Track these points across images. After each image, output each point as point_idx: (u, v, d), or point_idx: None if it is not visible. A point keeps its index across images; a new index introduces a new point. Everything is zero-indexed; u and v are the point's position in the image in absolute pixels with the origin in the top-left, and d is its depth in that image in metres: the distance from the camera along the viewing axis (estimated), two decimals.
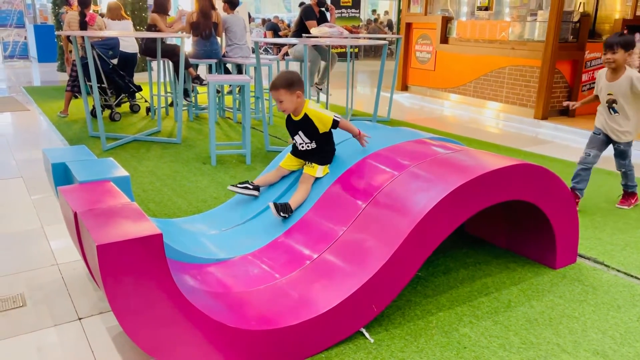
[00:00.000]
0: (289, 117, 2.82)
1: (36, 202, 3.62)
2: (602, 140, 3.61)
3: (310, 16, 7.14)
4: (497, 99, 7.37)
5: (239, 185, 2.87)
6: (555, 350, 2.07)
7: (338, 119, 2.72)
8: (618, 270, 2.77)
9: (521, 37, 7.18)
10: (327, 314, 2.01)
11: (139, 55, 6.93)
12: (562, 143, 5.86)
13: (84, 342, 2.09)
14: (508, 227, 2.94)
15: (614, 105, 3.46)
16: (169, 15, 6.87)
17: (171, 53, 6.28)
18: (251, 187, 2.87)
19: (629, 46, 3.37)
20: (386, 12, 21.40)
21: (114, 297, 1.65)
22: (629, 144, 3.57)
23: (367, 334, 2.14)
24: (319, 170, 2.76)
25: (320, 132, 2.74)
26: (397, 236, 2.16)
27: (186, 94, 6.55)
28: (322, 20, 7.27)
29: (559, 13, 6.39)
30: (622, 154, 3.60)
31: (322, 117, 2.72)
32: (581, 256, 2.91)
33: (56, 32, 6.99)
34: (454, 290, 2.53)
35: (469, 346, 2.09)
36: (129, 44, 6.71)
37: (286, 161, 2.92)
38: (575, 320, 2.29)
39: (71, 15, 6.50)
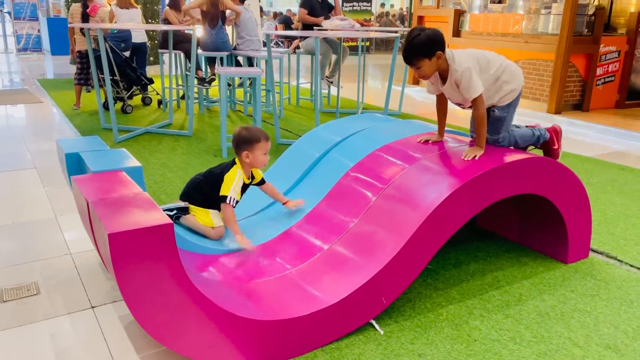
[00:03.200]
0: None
1: (49, 193, 3.66)
2: None
3: (304, 4, 7.03)
4: None
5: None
6: (566, 344, 2.06)
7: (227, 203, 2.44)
8: (631, 265, 2.74)
9: (535, 31, 7.09)
10: (337, 305, 2.01)
11: (148, 45, 6.96)
12: (575, 137, 5.80)
13: (96, 330, 2.12)
14: (520, 221, 2.92)
15: None
16: (182, 10, 6.89)
17: (188, 42, 6.31)
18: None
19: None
20: (391, 6, 21.26)
21: (125, 286, 1.67)
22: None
23: (377, 326, 2.14)
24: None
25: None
26: (408, 229, 2.15)
27: (202, 80, 6.57)
28: (323, 9, 7.18)
29: (574, 6, 6.30)
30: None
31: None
32: (594, 251, 2.88)
33: (69, 25, 7.02)
34: (465, 284, 2.52)
35: (479, 339, 2.09)
36: (138, 34, 6.76)
37: None
38: (587, 315, 2.27)
39: (74, 7, 6.54)
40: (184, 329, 1.78)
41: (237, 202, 2.48)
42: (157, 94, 7.15)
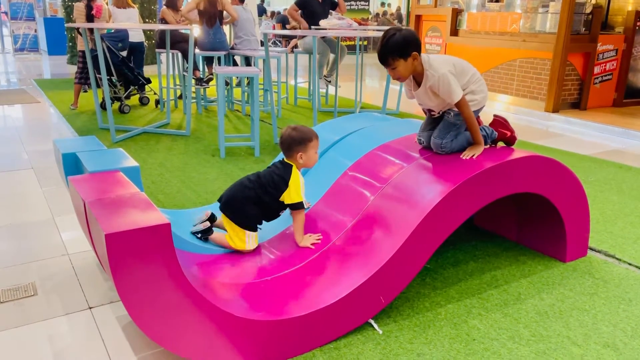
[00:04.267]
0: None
1: (47, 193, 3.65)
2: None
3: (299, 2, 6.96)
4: (508, 91, 7.30)
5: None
6: (565, 343, 2.06)
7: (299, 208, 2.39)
8: (629, 264, 2.74)
9: (532, 29, 7.10)
10: (336, 305, 2.00)
11: (145, 45, 6.95)
12: (573, 136, 5.81)
13: (94, 331, 2.11)
14: (518, 220, 2.91)
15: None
16: (180, 10, 6.88)
17: (185, 42, 6.30)
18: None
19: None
20: (388, 5, 21.26)
21: (122, 286, 1.66)
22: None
23: (375, 325, 2.13)
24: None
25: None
26: (406, 228, 2.15)
27: (200, 80, 6.56)
28: (325, 7, 7.13)
29: (571, 4, 6.31)
30: None
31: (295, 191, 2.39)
32: (592, 249, 2.88)
33: (66, 25, 7.00)
34: (463, 283, 2.51)
35: (478, 338, 2.08)
36: (135, 33, 6.74)
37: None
38: (586, 313, 2.27)
39: (77, 6, 6.51)
40: (182, 330, 1.77)
41: None
42: (155, 93, 7.13)
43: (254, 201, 2.38)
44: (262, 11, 17.06)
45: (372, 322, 2.15)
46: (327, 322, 2.01)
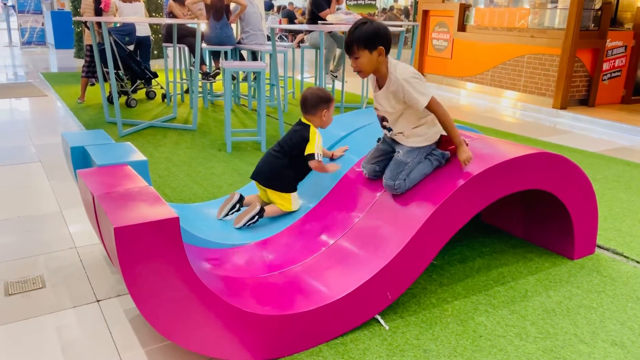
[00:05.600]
0: None
1: (54, 187, 3.67)
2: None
3: (321, 7, 7.05)
4: (515, 87, 7.26)
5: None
6: (572, 341, 2.05)
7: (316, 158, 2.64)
8: (637, 262, 2.73)
9: (541, 25, 7.05)
10: (342, 301, 2.00)
11: (152, 39, 6.94)
12: (581, 133, 5.77)
13: (102, 324, 2.12)
14: (525, 217, 2.90)
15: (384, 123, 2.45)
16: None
17: (192, 36, 6.29)
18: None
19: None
20: (395, 0, 21.13)
21: (131, 280, 1.67)
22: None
23: (382, 321, 2.13)
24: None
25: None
26: (413, 224, 2.15)
27: (206, 75, 6.56)
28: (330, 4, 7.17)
29: (581, 0, 6.25)
30: None
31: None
32: (600, 247, 2.87)
33: (73, 18, 7.01)
34: (470, 279, 2.51)
35: (484, 335, 2.08)
36: (142, 27, 6.74)
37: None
38: (593, 311, 2.26)
39: (85, 1, 6.51)
40: (189, 323, 1.78)
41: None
42: (162, 87, 7.14)
43: (287, 167, 2.69)
44: (269, 6, 17.03)
45: (379, 317, 2.15)
46: (333, 317, 2.01)
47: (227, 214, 2.72)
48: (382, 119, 2.41)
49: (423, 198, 2.25)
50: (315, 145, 2.65)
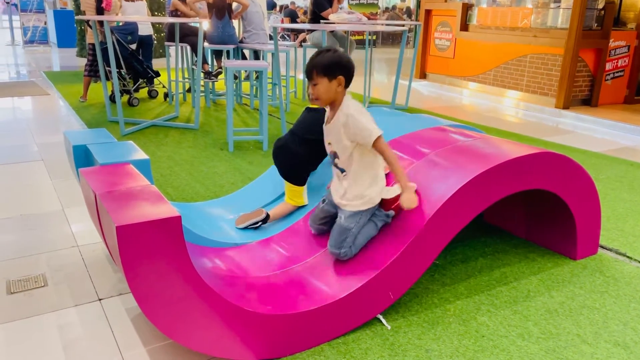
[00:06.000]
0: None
1: (57, 185, 3.67)
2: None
3: (322, 7, 7.05)
4: (518, 87, 7.25)
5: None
6: (575, 341, 2.05)
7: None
8: None
9: (544, 25, 7.03)
10: (344, 300, 2.00)
11: (154, 37, 6.94)
12: (583, 133, 5.76)
13: (103, 322, 2.12)
14: (528, 217, 2.89)
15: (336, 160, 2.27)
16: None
17: (195, 35, 6.29)
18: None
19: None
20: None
21: (132, 278, 1.67)
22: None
23: (384, 321, 2.13)
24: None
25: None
26: (415, 223, 2.14)
27: (208, 74, 6.56)
28: (331, 3, 7.18)
29: (584, 0, 6.24)
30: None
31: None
32: (603, 247, 2.86)
33: (76, 17, 7.01)
34: (472, 279, 2.50)
35: (487, 335, 2.08)
36: (144, 26, 6.74)
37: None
38: (596, 312, 2.25)
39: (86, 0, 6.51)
40: (191, 322, 1.78)
41: None
42: (164, 86, 7.14)
43: (306, 162, 2.69)
44: (271, 5, 17.01)
45: (381, 317, 2.14)
46: (335, 316, 2.01)
47: (247, 227, 2.64)
48: (334, 156, 2.25)
49: (426, 197, 2.24)
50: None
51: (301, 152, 2.65)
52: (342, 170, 2.24)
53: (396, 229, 2.20)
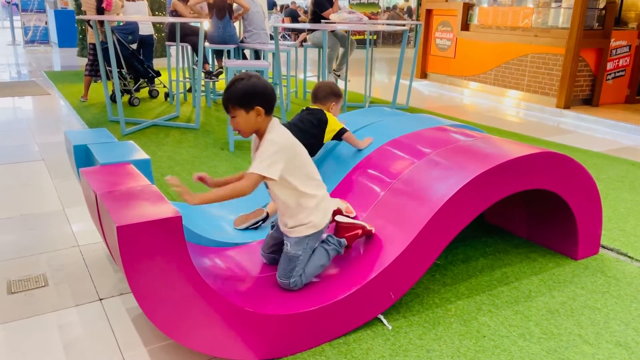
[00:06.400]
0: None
1: (57, 185, 3.67)
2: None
3: (323, 7, 7.05)
4: (519, 87, 7.24)
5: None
6: (576, 341, 2.04)
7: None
8: None
9: (545, 24, 7.02)
10: (345, 300, 2.00)
11: (155, 37, 6.94)
12: (585, 133, 5.75)
13: (104, 322, 2.12)
14: (529, 216, 2.89)
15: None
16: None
17: (195, 35, 6.29)
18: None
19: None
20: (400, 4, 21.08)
21: (133, 278, 1.66)
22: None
23: (385, 321, 2.13)
24: None
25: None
26: (416, 224, 2.14)
27: (209, 73, 6.56)
28: (332, 3, 7.19)
29: None
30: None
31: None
32: (604, 247, 2.86)
33: (77, 17, 7.01)
34: (473, 279, 2.50)
35: (488, 335, 2.07)
36: (145, 26, 6.74)
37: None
38: (598, 312, 2.25)
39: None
40: (192, 322, 1.78)
41: None
42: (164, 86, 7.14)
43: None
44: (271, 5, 17.01)
45: (382, 317, 2.14)
46: (336, 317, 2.00)
47: (247, 227, 2.63)
48: (266, 185, 2.11)
49: (426, 198, 2.24)
50: (337, 121, 2.80)
51: (300, 141, 2.63)
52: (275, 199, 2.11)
53: (397, 229, 2.20)
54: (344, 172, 2.70)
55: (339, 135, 2.78)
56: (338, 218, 2.28)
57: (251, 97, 1.95)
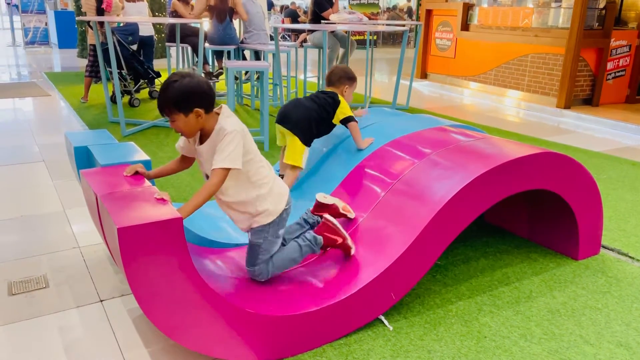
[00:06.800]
0: None
1: (58, 186, 3.67)
2: None
3: (323, 7, 7.06)
4: (519, 87, 7.24)
5: None
6: (577, 342, 2.04)
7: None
8: None
9: (545, 24, 7.02)
10: (346, 301, 2.00)
11: (155, 38, 6.94)
12: (585, 133, 5.75)
13: (105, 324, 2.12)
14: (530, 217, 2.89)
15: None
16: (190, 4, 6.87)
17: (195, 36, 6.30)
18: None
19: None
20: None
21: (134, 280, 1.66)
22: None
23: (386, 322, 2.13)
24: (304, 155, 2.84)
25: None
26: (417, 224, 2.14)
27: (209, 74, 6.56)
28: (332, 4, 7.20)
29: None
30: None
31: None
32: (605, 247, 2.85)
33: (77, 18, 7.01)
34: (474, 280, 2.50)
35: (489, 336, 2.07)
36: (145, 27, 6.74)
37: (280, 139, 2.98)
38: (598, 312, 2.25)
39: (87, 1, 6.49)
40: (193, 323, 1.78)
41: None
42: None
43: (317, 121, 2.85)
44: (269, 5, 17.00)
45: (383, 318, 2.14)
46: (337, 317, 2.00)
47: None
48: (206, 178, 2.04)
49: (427, 198, 2.24)
50: (349, 107, 2.90)
51: (315, 110, 2.84)
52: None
53: (398, 229, 2.20)
54: (345, 173, 2.70)
55: (347, 121, 2.86)
56: (327, 216, 2.26)
57: (188, 100, 1.84)
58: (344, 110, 2.88)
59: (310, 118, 2.84)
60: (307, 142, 2.85)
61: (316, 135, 2.91)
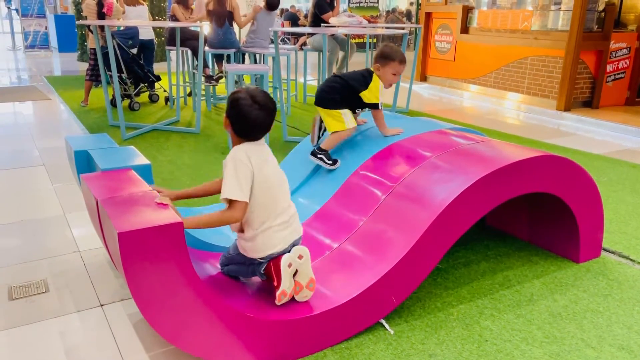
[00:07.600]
0: None
1: (58, 190, 3.67)
2: None
3: (324, 9, 7.07)
4: (519, 90, 7.25)
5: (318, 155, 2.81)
6: (579, 345, 2.04)
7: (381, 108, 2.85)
8: None
9: (544, 27, 7.03)
10: (347, 305, 1.99)
11: (155, 42, 6.95)
12: (585, 135, 5.75)
13: (105, 328, 2.11)
14: (530, 220, 2.89)
15: None
16: (190, 7, 6.88)
17: (195, 39, 6.31)
18: (329, 161, 2.79)
19: None
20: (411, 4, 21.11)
21: (134, 284, 1.66)
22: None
23: (387, 325, 2.12)
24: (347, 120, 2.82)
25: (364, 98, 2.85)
26: (418, 228, 2.13)
27: (209, 78, 6.57)
28: (331, 5, 7.21)
29: (584, 2, 6.24)
30: None
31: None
32: (606, 250, 2.85)
33: (77, 22, 7.02)
34: (475, 283, 2.49)
35: (490, 339, 2.07)
36: (145, 31, 6.75)
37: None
38: (600, 315, 2.24)
39: (88, 4, 6.51)
40: (194, 328, 1.77)
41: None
42: (165, 91, 7.15)
43: (338, 90, 2.83)
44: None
45: (384, 322, 2.14)
46: (338, 321, 2.00)
47: (319, 137, 2.92)
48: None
49: (427, 202, 2.24)
50: (379, 95, 2.81)
51: (338, 82, 2.84)
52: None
53: (399, 233, 2.20)
54: (345, 176, 2.70)
55: (372, 107, 2.84)
56: (284, 258, 1.95)
57: (232, 114, 1.98)
58: (368, 93, 2.80)
59: (331, 88, 2.85)
60: (336, 106, 2.80)
61: (342, 102, 2.81)
